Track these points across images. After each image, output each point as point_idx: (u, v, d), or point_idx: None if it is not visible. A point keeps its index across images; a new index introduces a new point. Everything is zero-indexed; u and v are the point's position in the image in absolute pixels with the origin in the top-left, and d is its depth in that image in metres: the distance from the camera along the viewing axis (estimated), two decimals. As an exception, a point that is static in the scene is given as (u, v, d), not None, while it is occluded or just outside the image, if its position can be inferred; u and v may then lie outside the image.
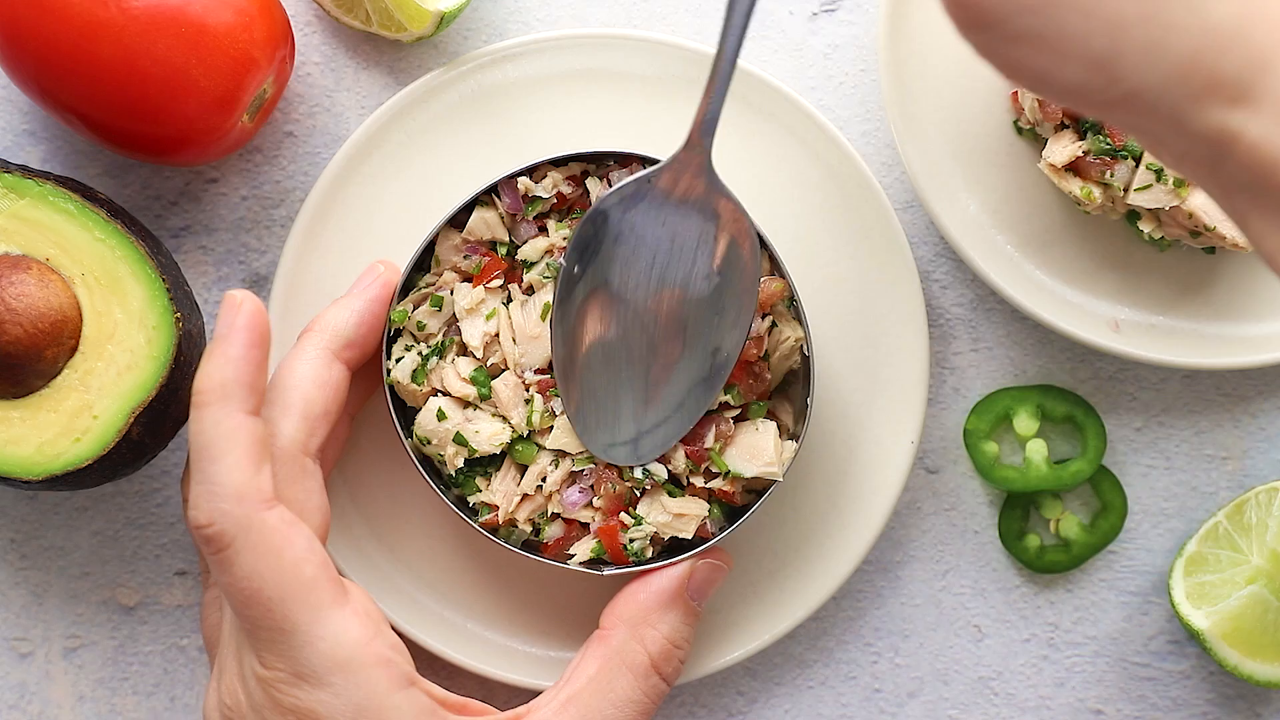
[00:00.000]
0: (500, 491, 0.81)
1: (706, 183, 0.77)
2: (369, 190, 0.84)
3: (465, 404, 0.81)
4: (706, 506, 0.81)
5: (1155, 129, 0.59)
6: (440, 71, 0.84)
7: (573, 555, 0.81)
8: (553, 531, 0.81)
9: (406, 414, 0.82)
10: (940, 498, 0.88)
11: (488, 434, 0.80)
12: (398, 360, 0.81)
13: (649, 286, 0.79)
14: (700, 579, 0.81)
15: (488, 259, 0.81)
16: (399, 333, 0.82)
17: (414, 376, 0.81)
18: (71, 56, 0.78)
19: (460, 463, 0.81)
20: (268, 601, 0.72)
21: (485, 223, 0.81)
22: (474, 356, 0.81)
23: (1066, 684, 0.88)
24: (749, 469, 0.80)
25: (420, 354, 0.81)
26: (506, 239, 0.81)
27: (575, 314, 0.79)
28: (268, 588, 0.72)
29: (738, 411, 0.81)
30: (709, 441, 0.80)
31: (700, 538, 0.81)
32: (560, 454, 0.81)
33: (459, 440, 0.80)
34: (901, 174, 0.87)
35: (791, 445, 0.81)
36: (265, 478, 0.73)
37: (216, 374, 0.74)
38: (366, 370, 0.81)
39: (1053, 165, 0.81)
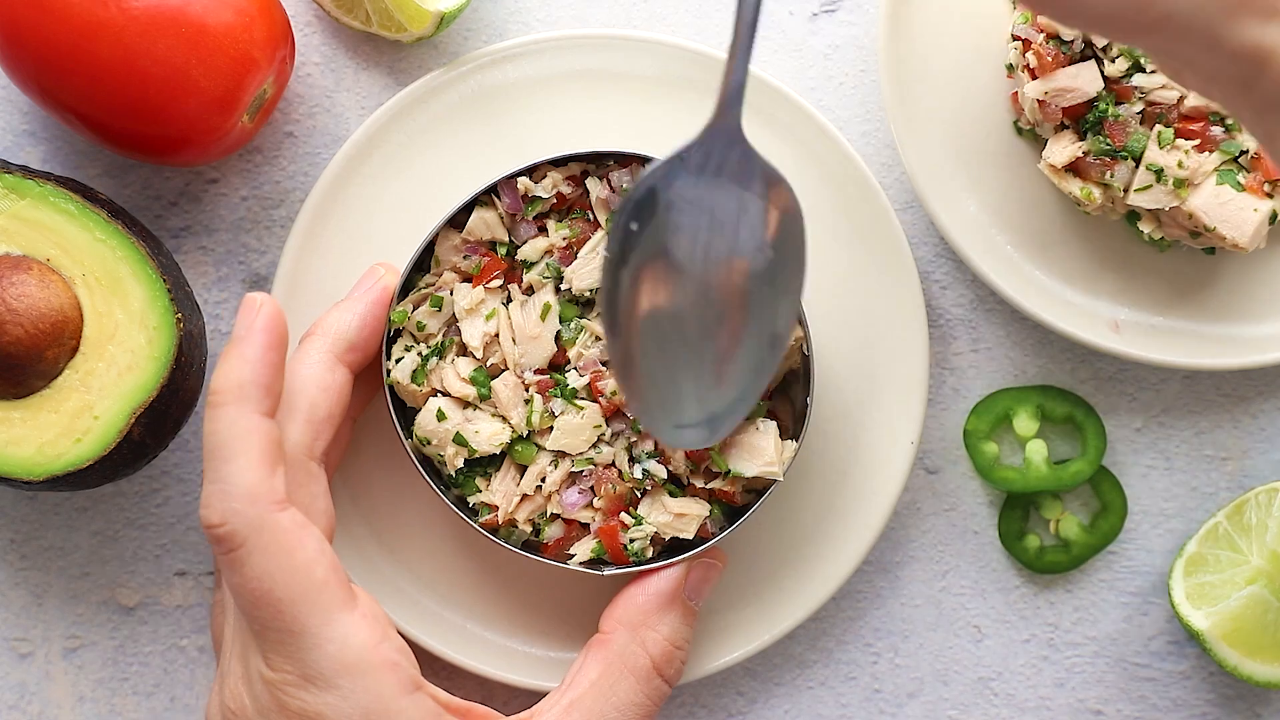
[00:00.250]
0: (500, 492, 0.81)
1: (740, 153, 0.71)
2: (369, 190, 0.84)
3: (465, 404, 0.81)
4: (708, 507, 0.81)
5: (1187, 51, 0.59)
6: (440, 71, 0.84)
7: (573, 555, 0.81)
8: (552, 532, 0.81)
9: (406, 414, 0.82)
10: (940, 498, 0.88)
11: (487, 434, 0.80)
12: (397, 360, 0.81)
13: (708, 259, 0.72)
14: (697, 579, 0.81)
15: (487, 259, 0.81)
16: (399, 333, 0.82)
17: (414, 377, 0.81)
18: (71, 56, 0.78)
19: (460, 463, 0.81)
20: (277, 603, 0.72)
21: (485, 223, 0.81)
22: (474, 357, 0.81)
23: (1066, 684, 0.88)
24: (749, 469, 0.80)
25: (420, 354, 0.81)
26: (506, 239, 0.81)
27: (624, 300, 0.71)
28: (278, 589, 0.72)
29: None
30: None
31: (700, 538, 0.81)
32: (560, 454, 0.81)
33: (459, 440, 0.80)
34: (901, 174, 0.87)
35: (791, 445, 0.81)
36: (279, 479, 0.73)
37: (234, 374, 0.74)
38: (368, 373, 0.81)
39: (1053, 165, 0.82)
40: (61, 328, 0.78)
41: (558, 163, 0.81)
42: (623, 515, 0.81)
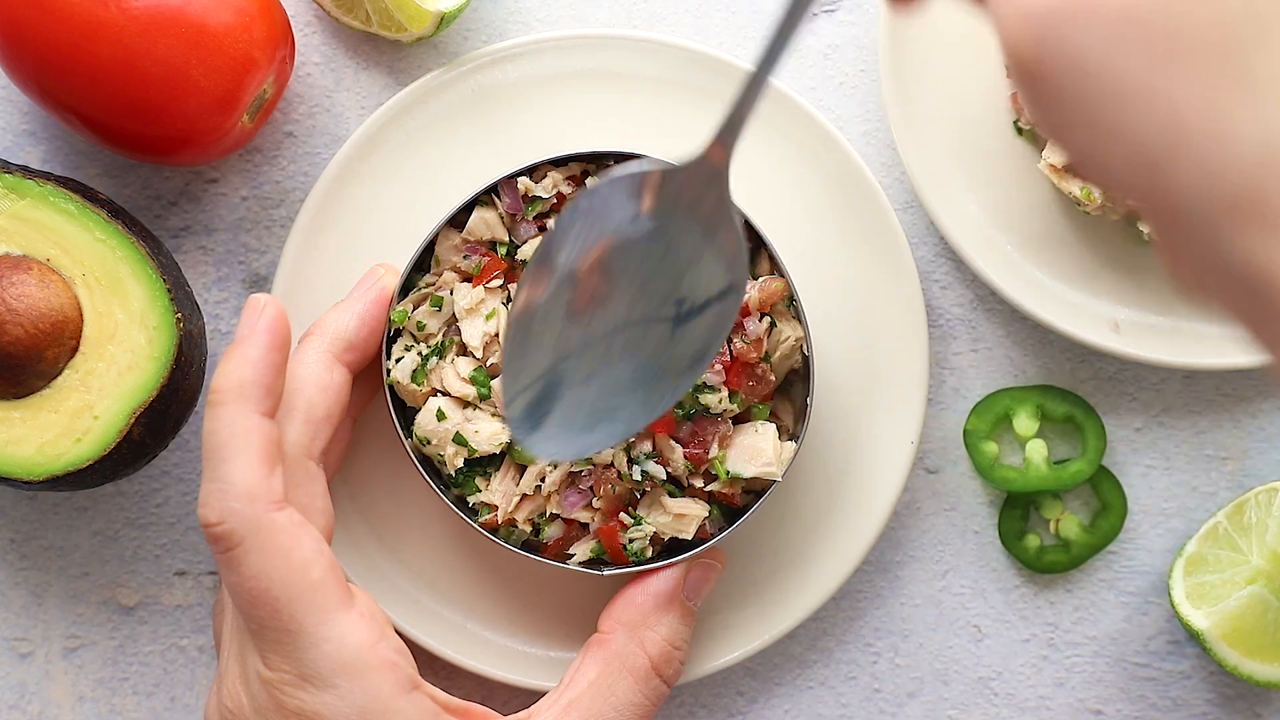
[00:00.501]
0: (499, 491, 0.81)
1: (716, 195, 0.70)
2: (369, 190, 0.84)
3: (465, 404, 0.81)
4: (707, 507, 0.81)
5: (1190, 241, 0.55)
6: (440, 71, 0.84)
7: (572, 555, 0.81)
8: (552, 532, 0.81)
9: (406, 414, 0.82)
10: (940, 498, 0.88)
11: (487, 434, 0.80)
12: (397, 360, 0.81)
13: (585, 257, 0.72)
14: (695, 579, 0.82)
15: (487, 259, 0.81)
16: (399, 333, 0.82)
17: (414, 377, 0.81)
18: (71, 56, 0.78)
19: (460, 463, 0.81)
20: (274, 602, 0.72)
21: (485, 223, 0.81)
22: (474, 356, 0.81)
23: (1066, 684, 0.88)
24: (748, 469, 0.80)
25: (420, 354, 0.81)
26: (506, 239, 0.81)
27: (522, 295, 0.73)
28: (275, 588, 0.72)
29: (737, 413, 0.81)
30: (713, 450, 0.80)
31: (700, 538, 0.81)
32: (559, 454, 0.81)
33: (459, 440, 0.80)
34: (901, 174, 0.87)
35: (791, 445, 0.81)
36: (277, 479, 0.74)
37: (235, 374, 0.74)
38: (368, 373, 0.81)
39: (1053, 165, 0.82)
40: (61, 328, 0.78)
41: (558, 163, 0.81)
42: (622, 515, 0.81)
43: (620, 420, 0.75)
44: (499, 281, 0.81)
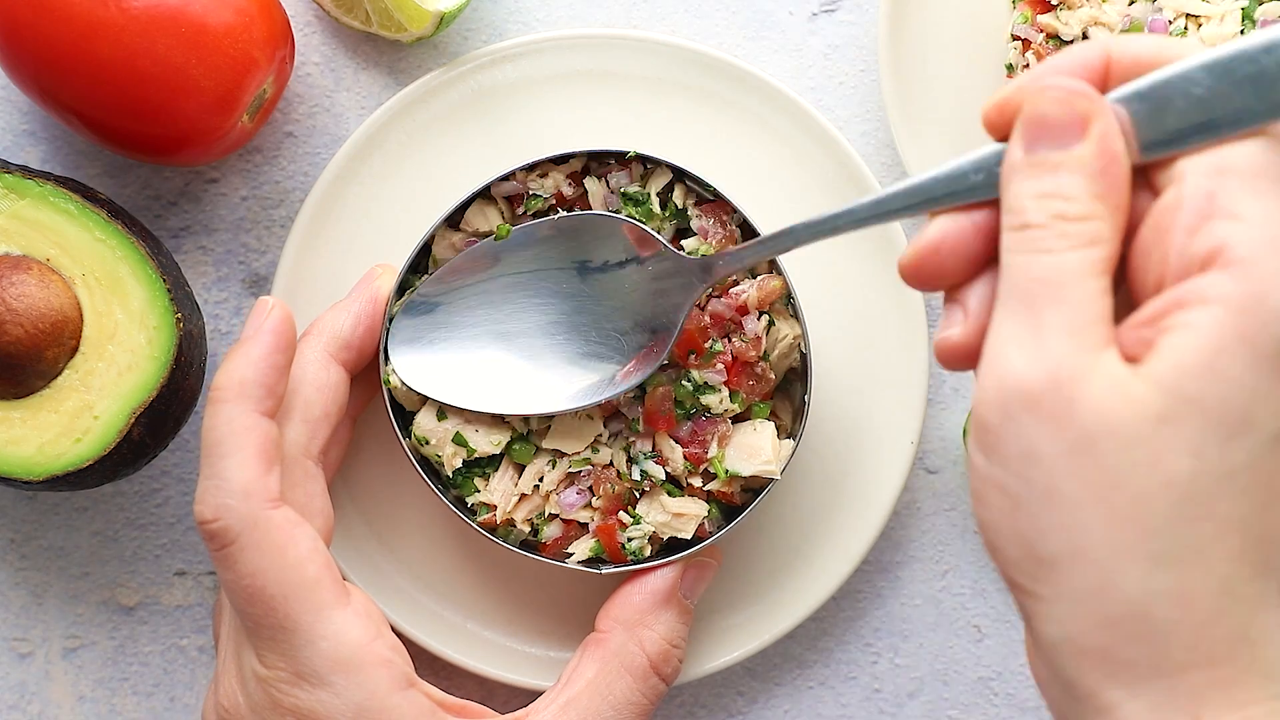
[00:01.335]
0: (498, 491, 0.81)
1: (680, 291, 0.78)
2: (369, 190, 0.84)
3: (465, 405, 0.81)
4: (706, 506, 0.81)
5: (1035, 639, 0.59)
6: (440, 71, 0.84)
7: (571, 555, 0.81)
8: (551, 531, 0.81)
9: (405, 415, 0.82)
10: (940, 498, 0.88)
11: (486, 434, 0.80)
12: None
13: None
14: (692, 577, 0.82)
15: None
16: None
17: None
18: (71, 56, 0.78)
19: (459, 463, 0.81)
20: (270, 600, 0.72)
21: (484, 216, 0.81)
22: (474, 356, 0.81)
23: (1066, 684, 0.88)
24: (746, 468, 0.80)
25: (420, 355, 0.81)
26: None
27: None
28: (270, 585, 0.72)
29: (736, 414, 0.81)
30: (712, 450, 0.80)
31: (698, 537, 0.81)
32: (557, 454, 0.81)
33: (458, 440, 0.80)
34: (901, 174, 0.87)
35: (789, 444, 0.81)
36: (274, 478, 0.74)
37: (236, 372, 0.74)
38: (367, 374, 0.82)
39: (1053, 165, 0.81)
40: (61, 328, 0.78)
41: (558, 160, 0.81)
42: (621, 515, 0.81)
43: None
44: (499, 281, 0.81)
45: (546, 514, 0.81)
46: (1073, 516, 0.56)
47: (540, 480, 0.81)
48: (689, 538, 0.81)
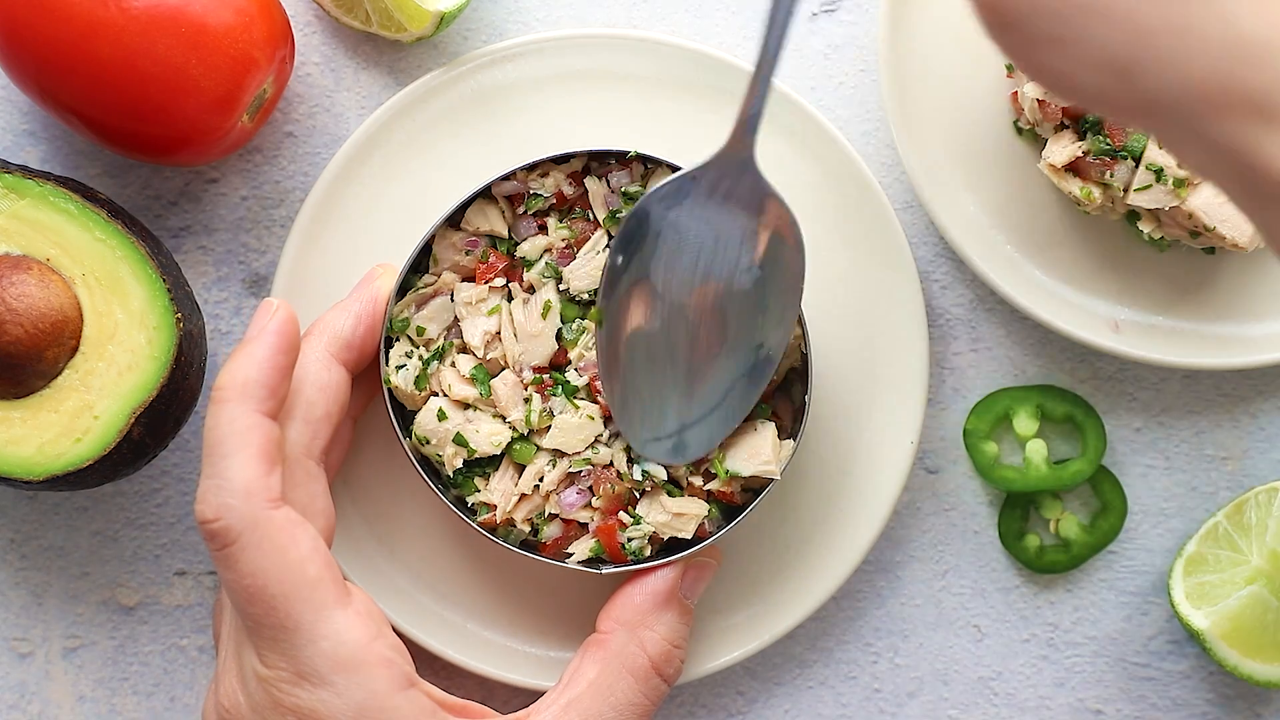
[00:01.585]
0: (498, 491, 0.81)
1: (751, 181, 0.76)
2: (369, 190, 0.84)
3: (464, 405, 0.81)
4: (706, 507, 0.81)
5: (1176, 136, 0.57)
6: (440, 71, 0.84)
7: (571, 554, 0.81)
8: (551, 531, 0.81)
9: (406, 415, 0.82)
10: (940, 498, 0.88)
11: (487, 433, 0.80)
12: (398, 368, 0.81)
13: (691, 282, 0.78)
14: (692, 578, 0.82)
15: (490, 254, 0.81)
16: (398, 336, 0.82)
17: (416, 383, 0.81)
18: (71, 56, 0.78)
19: (459, 463, 0.81)
20: (271, 599, 0.72)
21: (485, 215, 0.81)
22: (474, 355, 0.81)
23: (1066, 684, 0.88)
24: (746, 468, 0.80)
25: (421, 358, 0.81)
26: (506, 235, 0.81)
27: (618, 308, 0.79)
28: (271, 585, 0.72)
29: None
30: (712, 450, 0.80)
31: (699, 537, 0.81)
32: (557, 454, 0.81)
33: (459, 441, 0.80)
34: (901, 174, 0.87)
35: (789, 444, 0.81)
36: (275, 479, 0.74)
37: (239, 372, 0.74)
38: (367, 374, 0.82)
39: (1053, 165, 0.81)
40: (61, 328, 0.78)
41: (559, 160, 0.81)
42: (621, 515, 0.81)
43: (736, 406, 0.80)
44: (501, 280, 0.81)
45: (546, 514, 0.81)
46: (1111, 5, 0.55)
47: (540, 480, 0.81)
48: (689, 538, 0.81)
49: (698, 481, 0.81)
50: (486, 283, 0.81)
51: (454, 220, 0.82)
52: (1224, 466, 0.88)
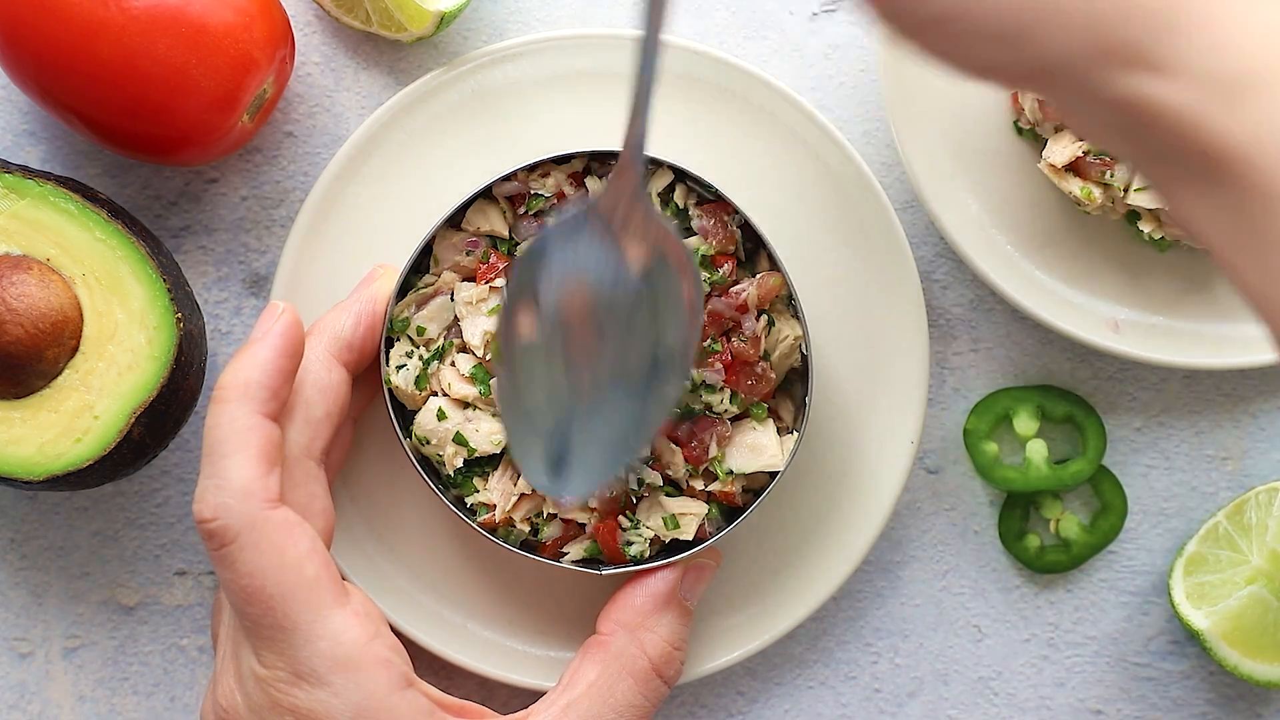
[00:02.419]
0: (498, 491, 0.81)
1: (643, 209, 0.72)
2: (369, 190, 0.84)
3: (465, 405, 0.81)
4: (706, 507, 0.81)
5: (1071, 99, 0.57)
6: (440, 71, 0.84)
7: (570, 555, 0.81)
8: (550, 531, 0.81)
9: (406, 414, 0.82)
10: (940, 498, 0.88)
11: (487, 433, 0.80)
12: (399, 368, 0.81)
13: (581, 312, 0.74)
14: (691, 579, 0.82)
15: (491, 253, 0.81)
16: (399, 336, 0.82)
17: (416, 383, 0.81)
18: (71, 56, 0.78)
19: (459, 463, 0.81)
20: (269, 599, 0.72)
21: (485, 215, 0.81)
22: (474, 354, 0.81)
23: (1066, 684, 0.88)
24: (749, 465, 0.80)
25: (421, 358, 0.81)
26: (507, 235, 0.82)
27: (511, 342, 0.75)
28: (269, 585, 0.72)
29: (735, 414, 0.81)
30: (712, 450, 0.80)
31: (699, 538, 0.81)
32: (558, 454, 0.81)
33: (459, 440, 0.80)
34: (901, 174, 0.87)
35: (792, 437, 0.81)
36: (274, 480, 0.74)
37: (242, 373, 0.74)
38: (367, 374, 0.82)
39: (1053, 165, 0.82)
40: (61, 328, 0.78)
41: (560, 161, 0.81)
42: (620, 519, 0.81)
43: (631, 442, 0.75)
44: (501, 280, 0.81)
45: (546, 514, 0.81)
46: None
47: (540, 480, 0.81)
48: (689, 538, 0.81)
49: (698, 483, 0.81)
50: (487, 283, 0.81)
51: (454, 220, 0.82)
52: (1224, 466, 0.88)
